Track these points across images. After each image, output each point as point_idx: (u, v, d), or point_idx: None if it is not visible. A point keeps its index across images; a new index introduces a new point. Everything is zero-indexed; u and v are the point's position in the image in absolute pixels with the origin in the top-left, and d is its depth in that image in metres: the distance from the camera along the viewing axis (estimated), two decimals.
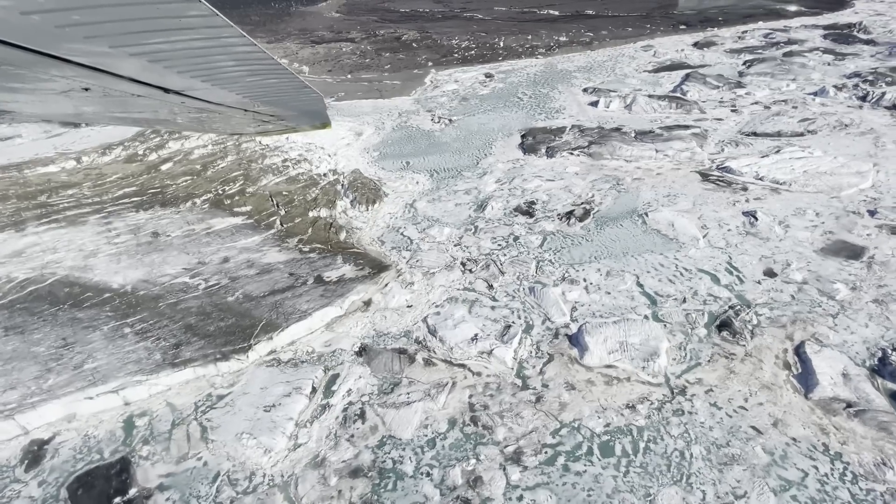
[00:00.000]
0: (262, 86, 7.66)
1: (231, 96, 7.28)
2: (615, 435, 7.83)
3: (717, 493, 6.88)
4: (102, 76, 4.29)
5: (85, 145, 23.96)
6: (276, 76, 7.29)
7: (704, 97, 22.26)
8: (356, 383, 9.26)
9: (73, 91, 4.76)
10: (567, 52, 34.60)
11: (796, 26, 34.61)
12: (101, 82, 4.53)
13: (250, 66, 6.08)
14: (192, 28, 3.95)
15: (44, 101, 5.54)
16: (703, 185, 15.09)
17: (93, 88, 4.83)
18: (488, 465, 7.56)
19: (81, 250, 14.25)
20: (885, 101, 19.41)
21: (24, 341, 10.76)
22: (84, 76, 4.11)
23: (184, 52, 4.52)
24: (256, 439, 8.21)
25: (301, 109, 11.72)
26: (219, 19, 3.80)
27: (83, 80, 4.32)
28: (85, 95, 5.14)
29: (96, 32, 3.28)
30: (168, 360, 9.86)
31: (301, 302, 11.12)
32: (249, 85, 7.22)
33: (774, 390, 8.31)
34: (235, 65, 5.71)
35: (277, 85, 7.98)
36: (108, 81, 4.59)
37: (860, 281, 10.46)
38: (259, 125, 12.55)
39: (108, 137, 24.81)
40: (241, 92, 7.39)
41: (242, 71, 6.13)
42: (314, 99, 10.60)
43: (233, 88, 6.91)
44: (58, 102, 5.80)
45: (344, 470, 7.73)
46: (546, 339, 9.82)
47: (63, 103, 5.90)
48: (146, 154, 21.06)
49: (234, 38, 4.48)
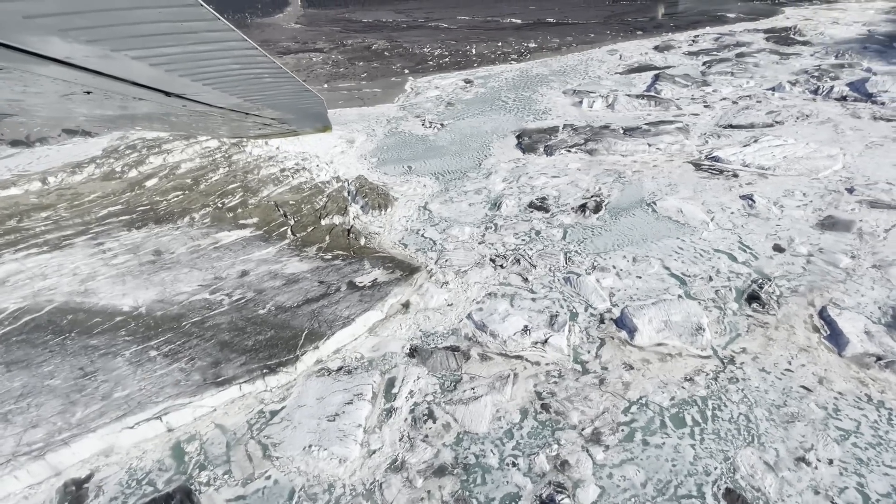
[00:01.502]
0: (265, 89, 7.52)
1: (232, 99, 7.09)
2: (682, 407, 8.21)
3: (788, 449, 7.38)
4: (104, 79, 4.13)
5: (46, 165, 22.11)
6: (278, 79, 7.15)
7: (677, 95, 23.86)
8: (416, 384, 9.14)
9: (74, 94, 4.55)
10: (538, 57, 35.95)
11: (740, 31, 37.90)
12: (103, 85, 4.36)
13: (252, 70, 5.96)
14: (195, 32, 3.88)
15: (46, 103, 5.23)
16: (698, 174, 16.16)
17: (95, 91, 4.63)
18: (571, 448, 7.70)
19: (76, 274, 13.12)
20: (834, 93, 21.66)
21: (33, 375, 9.76)
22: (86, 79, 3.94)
23: (186, 55, 4.41)
24: (327, 450, 7.90)
25: (303, 112, 11.57)
26: (221, 23, 3.75)
27: (85, 84, 4.13)
28: (87, 98, 4.90)
29: (98, 36, 3.21)
30: (209, 379, 9.28)
31: (340, 308, 10.83)
32: (251, 88, 7.07)
33: (811, 352, 9.03)
34: (238, 68, 5.57)
35: (279, 88, 7.85)
36: (110, 85, 4.41)
37: (856, 250, 11.60)
38: (260, 128, 12.22)
39: (71, 156, 23.04)
40: (242, 95, 7.22)
41: (244, 74, 5.99)
42: (315, 102, 10.51)
43: (234, 92, 6.73)
44: (60, 105, 5.49)
45: (427, 470, 7.59)
46: (593, 325, 10.14)
47: (66, 106, 5.58)
48: (125, 171, 19.72)
49: (235, 42, 4.40)
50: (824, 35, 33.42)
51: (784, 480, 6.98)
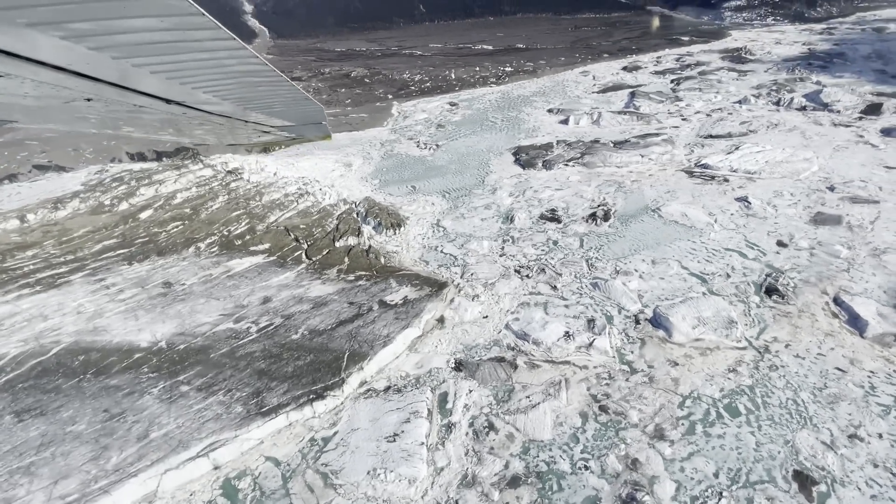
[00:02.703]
0: (266, 97, 7.58)
1: (232, 107, 7.10)
2: (732, 396, 8.52)
3: (840, 428, 7.77)
4: (104, 87, 4.15)
5: (19, 203, 20.85)
6: (279, 87, 7.21)
7: (655, 110, 25.44)
8: (469, 397, 9.05)
9: (75, 101, 4.53)
10: (516, 79, 37.52)
11: (697, 52, 41.09)
12: (104, 93, 4.37)
13: (253, 78, 6.02)
14: (197, 41, 3.95)
15: (47, 111, 5.16)
16: (692, 180, 17.17)
17: (95, 99, 4.62)
18: (638, 446, 7.80)
19: (81, 312, 12.31)
20: (794, 104, 23.74)
21: (51, 422, 8.99)
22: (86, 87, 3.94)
23: (187, 63, 4.45)
24: (394, 472, 7.65)
25: (304, 120, 11.65)
26: (222, 32, 3.86)
27: (85, 91, 4.13)
28: (87, 105, 4.88)
29: (101, 44, 3.29)
30: (253, 410, 8.85)
31: (378, 327, 10.65)
32: (253, 96, 7.13)
33: (836, 336, 9.63)
34: (239, 76, 5.59)
35: (280, 96, 7.93)
36: (110, 92, 4.43)
37: (851, 241, 12.58)
38: (259, 135, 12.16)
39: (47, 192, 21.85)
40: (243, 102, 7.26)
41: (245, 82, 6.04)
42: (316, 111, 10.63)
43: (235, 99, 6.75)
44: (61, 112, 5.41)
45: (501, 482, 7.48)
46: (630, 326, 10.43)
47: (66, 113, 5.49)
48: (114, 203, 18.87)
49: (237, 51, 4.48)
50: (771, 54, 36.74)
51: (843, 457, 7.33)
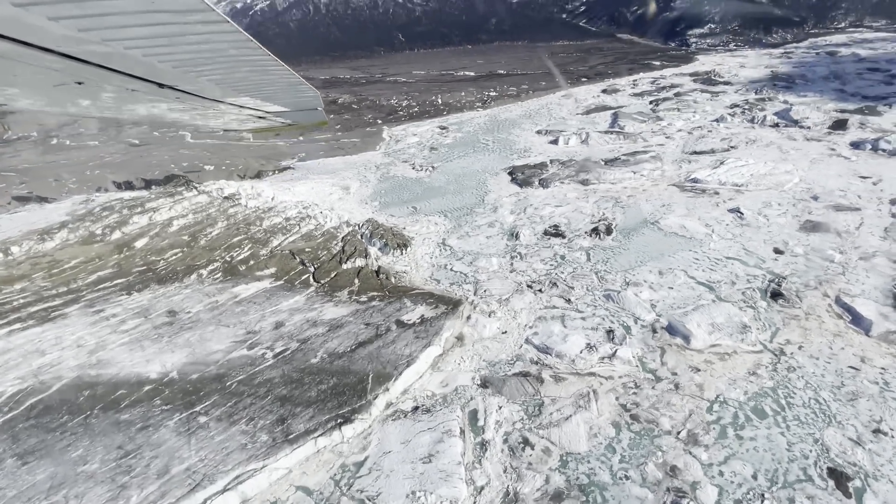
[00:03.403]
0: (261, 81, 7.64)
1: (226, 91, 7.13)
2: (757, 399, 8.72)
3: (863, 423, 8.03)
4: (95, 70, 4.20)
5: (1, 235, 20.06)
6: (273, 72, 7.24)
7: (639, 129, 26.64)
8: (500, 413, 8.98)
9: (66, 85, 4.54)
10: (501, 103, 38.79)
11: (669, 75, 43.54)
12: (96, 76, 4.41)
13: (248, 62, 6.05)
14: (189, 23, 4.03)
15: (37, 94, 5.14)
16: (684, 194, 17.92)
17: (86, 82, 4.64)
18: (674, 453, 7.86)
19: (81, 346, 11.75)
20: (768, 122, 25.29)
21: (59, 463, 8.45)
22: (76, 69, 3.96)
23: (180, 47, 4.51)
24: (434, 493, 7.46)
25: (299, 106, 11.72)
26: (215, 14, 3.94)
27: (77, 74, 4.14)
28: (79, 89, 4.89)
29: (90, 26, 3.35)
30: (279, 438, 8.54)
31: (399, 347, 10.54)
32: (248, 80, 7.18)
33: (844, 336, 10.05)
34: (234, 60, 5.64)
35: (275, 80, 8.00)
36: (103, 75, 4.47)
37: (842, 246, 13.28)
38: (254, 121, 12.16)
39: (29, 224, 21.09)
40: (238, 86, 7.30)
41: (241, 66, 6.08)
42: (312, 96, 10.75)
43: (230, 83, 6.77)
44: (52, 96, 5.38)
45: (543, 498, 7.37)
46: (648, 335, 10.63)
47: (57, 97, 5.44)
48: (106, 233, 18.32)
49: (230, 34, 4.52)
50: (739, 76, 39.24)
51: (872, 452, 7.55)
